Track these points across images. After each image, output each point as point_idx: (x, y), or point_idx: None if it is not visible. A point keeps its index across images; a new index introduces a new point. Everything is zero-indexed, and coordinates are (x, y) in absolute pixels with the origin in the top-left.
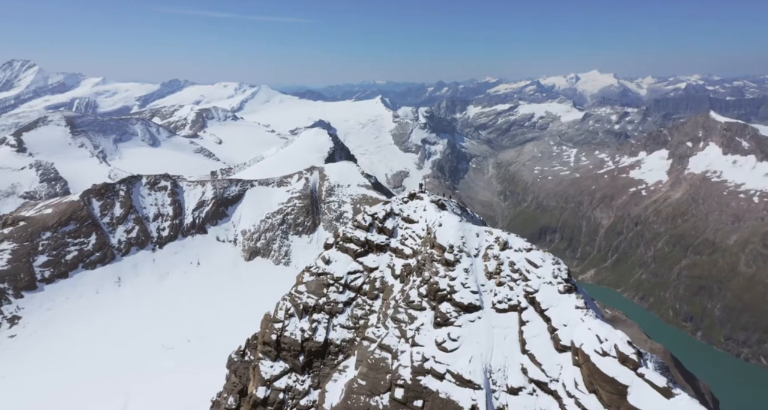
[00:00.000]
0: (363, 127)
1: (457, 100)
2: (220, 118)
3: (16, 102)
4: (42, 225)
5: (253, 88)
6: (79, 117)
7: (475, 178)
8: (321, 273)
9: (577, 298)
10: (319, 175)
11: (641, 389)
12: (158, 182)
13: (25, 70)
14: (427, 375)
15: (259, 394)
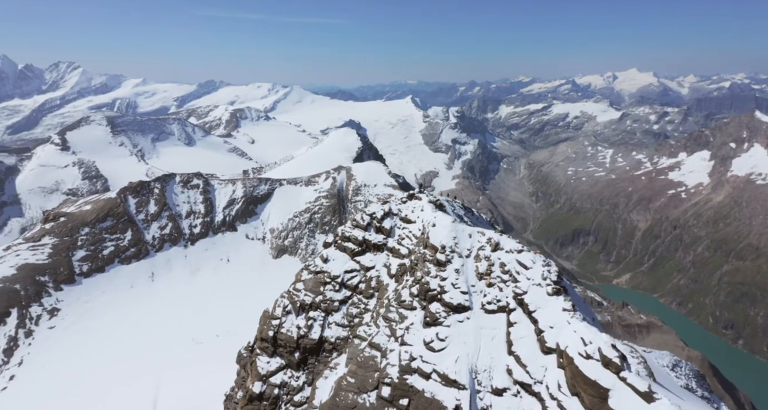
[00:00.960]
0: (393, 126)
1: (488, 100)
2: (253, 118)
3: (61, 102)
4: (81, 221)
5: (285, 88)
6: (119, 117)
7: (506, 178)
8: (319, 272)
9: (565, 300)
10: (346, 174)
11: (623, 393)
12: (191, 180)
13: (71, 72)
14: (414, 374)
15: (256, 389)
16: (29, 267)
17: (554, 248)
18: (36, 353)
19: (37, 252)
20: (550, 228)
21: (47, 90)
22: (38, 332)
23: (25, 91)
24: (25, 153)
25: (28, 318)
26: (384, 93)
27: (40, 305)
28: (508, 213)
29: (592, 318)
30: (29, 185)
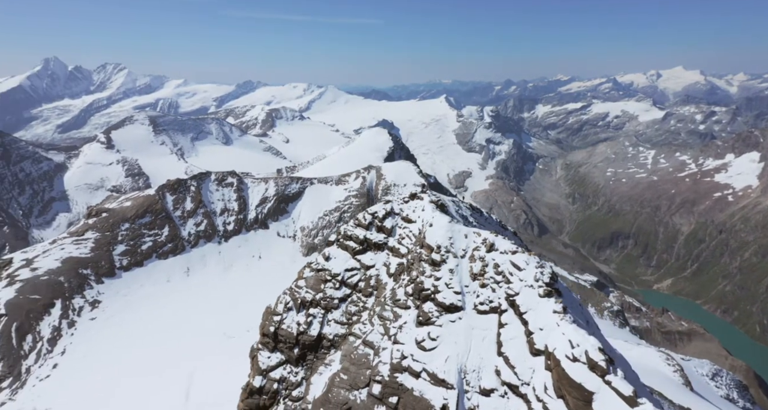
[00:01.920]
0: (426, 126)
1: (525, 99)
2: (288, 118)
3: (108, 102)
4: (122, 217)
5: (320, 88)
6: (160, 116)
7: (541, 179)
8: (320, 270)
9: (556, 302)
10: (376, 174)
11: (607, 396)
12: (225, 179)
13: (117, 73)
14: (404, 372)
15: (256, 383)
16: (73, 260)
17: (591, 251)
18: (78, 343)
19: (80, 246)
20: (587, 230)
21: (95, 90)
22: (80, 323)
23: (75, 91)
24: (73, 151)
25: (71, 309)
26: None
27: (83, 297)
28: (543, 215)
29: (587, 321)
30: (76, 182)
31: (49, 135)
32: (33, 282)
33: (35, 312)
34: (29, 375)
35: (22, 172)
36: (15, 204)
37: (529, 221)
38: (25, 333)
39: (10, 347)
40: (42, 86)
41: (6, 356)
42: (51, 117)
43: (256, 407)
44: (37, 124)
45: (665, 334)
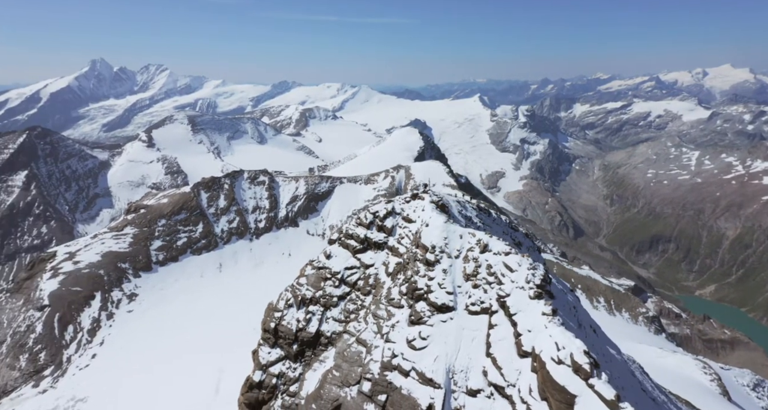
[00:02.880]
0: (459, 126)
1: (562, 98)
2: (321, 118)
3: (150, 102)
4: (159, 213)
5: (354, 88)
6: (199, 116)
7: (578, 180)
8: (321, 267)
9: (545, 305)
10: (405, 173)
11: (589, 400)
12: (257, 177)
13: (159, 74)
14: (394, 370)
15: (255, 378)
16: (112, 254)
17: (629, 255)
18: (116, 334)
19: (119, 241)
20: (626, 233)
21: (138, 91)
22: (118, 315)
23: (119, 91)
24: (117, 149)
25: (110, 301)
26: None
27: (121, 290)
28: (579, 217)
29: (579, 325)
30: (119, 179)
31: (95, 133)
32: (75, 274)
33: (76, 303)
34: (70, 364)
35: (68, 169)
36: (62, 199)
37: (564, 223)
38: (67, 323)
39: (53, 337)
40: (89, 86)
41: (48, 345)
42: (97, 116)
43: (255, 401)
44: (84, 123)
45: (706, 342)
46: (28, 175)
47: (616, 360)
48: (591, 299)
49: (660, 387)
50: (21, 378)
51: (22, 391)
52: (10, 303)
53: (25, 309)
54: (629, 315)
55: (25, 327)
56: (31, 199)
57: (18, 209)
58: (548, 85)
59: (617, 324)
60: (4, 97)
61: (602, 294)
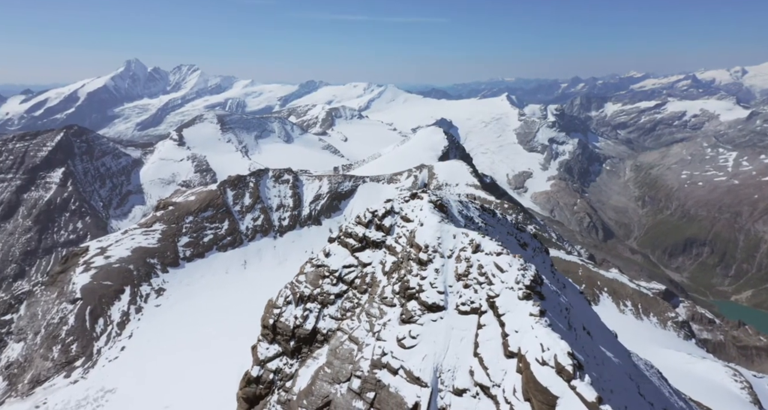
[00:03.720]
0: (486, 125)
1: (593, 97)
2: (347, 117)
3: (182, 102)
4: (186, 210)
5: (380, 87)
6: (227, 115)
7: (608, 180)
8: (320, 265)
9: (533, 305)
10: (428, 173)
11: (570, 401)
12: (282, 175)
13: (190, 74)
14: (383, 369)
15: (253, 373)
16: (142, 250)
17: (662, 258)
18: (144, 328)
19: (148, 237)
20: (658, 236)
21: (170, 90)
22: (146, 309)
23: (153, 91)
24: (149, 147)
25: (138, 295)
26: (479, 91)
27: (149, 285)
28: (609, 219)
29: (569, 326)
30: (151, 176)
31: (129, 132)
32: (106, 269)
33: (107, 297)
34: (100, 356)
35: (103, 167)
36: (96, 196)
37: (594, 224)
38: (98, 316)
39: (84, 329)
40: (124, 86)
41: (80, 337)
42: (131, 115)
43: (253, 395)
44: (119, 121)
45: (741, 349)
46: (65, 172)
47: (611, 364)
48: (617, 303)
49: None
50: (54, 368)
51: (55, 381)
52: (44, 296)
53: (58, 301)
54: (657, 320)
55: (59, 319)
56: (67, 195)
57: (55, 205)
58: (579, 83)
59: (644, 328)
60: (44, 97)
61: (629, 297)
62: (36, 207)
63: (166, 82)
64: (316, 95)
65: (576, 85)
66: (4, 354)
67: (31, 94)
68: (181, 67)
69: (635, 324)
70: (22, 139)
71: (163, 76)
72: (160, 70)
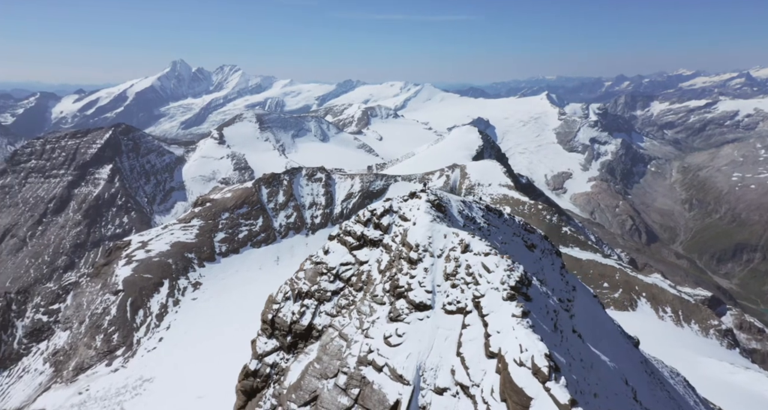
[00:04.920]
0: (524, 124)
1: (638, 96)
2: (382, 116)
3: (224, 101)
4: (223, 207)
5: (417, 86)
6: (266, 114)
7: (653, 182)
8: (318, 262)
9: (516, 306)
10: (460, 172)
11: (544, 403)
12: (315, 174)
13: (232, 74)
14: (368, 365)
15: (251, 366)
16: (180, 244)
17: (709, 264)
18: (181, 320)
19: (187, 232)
20: (706, 240)
21: (213, 90)
22: (183, 302)
23: (197, 91)
24: (191, 146)
25: (176, 289)
26: (518, 89)
27: (187, 278)
28: (653, 222)
29: (555, 328)
30: (192, 173)
31: (174, 131)
32: (146, 262)
33: (147, 289)
34: (139, 346)
35: (148, 164)
36: (141, 192)
37: (636, 227)
38: (138, 308)
39: (125, 320)
40: (170, 86)
41: (121, 327)
42: (176, 114)
43: (250, 388)
44: (165, 120)
45: None
46: (112, 168)
47: (604, 368)
48: (656, 309)
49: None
50: (96, 356)
51: (97, 369)
52: (89, 287)
53: (102, 292)
54: (699, 328)
55: (102, 309)
56: (114, 191)
57: (103, 200)
58: (624, 81)
59: (684, 336)
60: (96, 96)
61: (669, 303)
62: (85, 202)
63: (209, 82)
64: (352, 94)
65: (621, 83)
66: (51, 342)
67: (83, 94)
68: (223, 68)
69: (674, 331)
70: (73, 136)
71: (206, 76)
72: (204, 70)
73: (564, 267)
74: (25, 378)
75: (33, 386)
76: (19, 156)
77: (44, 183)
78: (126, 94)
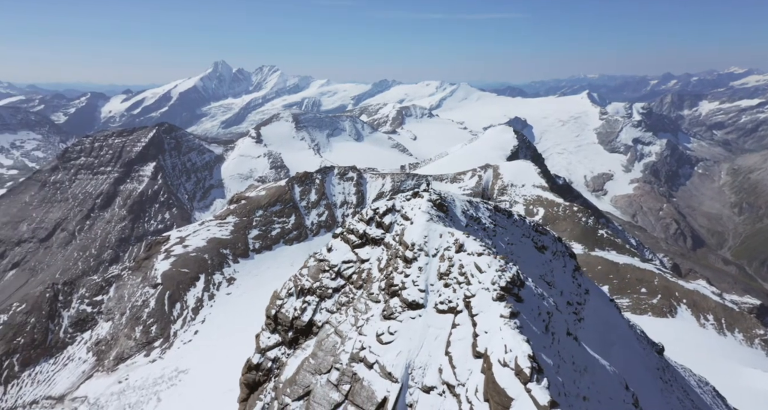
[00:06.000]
0: (563, 124)
1: (686, 95)
2: (417, 116)
3: (263, 101)
4: (257, 205)
5: (453, 85)
6: (302, 114)
7: (700, 185)
8: (321, 260)
9: (505, 307)
10: (492, 173)
11: (524, 404)
12: (346, 173)
13: (271, 74)
14: (360, 362)
15: (254, 360)
16: (216, 240)
17: (759, 270)
18: (215, 314)
19: (222, 229)
20: (757, 246)
21: (252, 90)
22: (218, 296)
23: (237, 91)
24: (230, 144)
25: (211, 283)
26: (558, 88)
27: (222, 274)
28: (699, 226)
29: (546, 330)
30: (231, 172)
31: (214, 130)
32: (184, 257)
33: (184, 283)
34: (176, 338)
35: (189, 162)
36: (182, 189)
37: (681, 232)
38: (175, 301)
39: (163, 312)
40: (211, 87)
41: (159, 320)
42: (217, 114)
43: (253, 381)
44: (206, 120)
45: None
46: (156, 166)
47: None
48: (697, 316)
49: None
50: (135, 347)
51: (136, 359)
52: (131, 280)
53: (142, 285)
54: (743, 337)
55: (141, 302)
56: (157, 187)
57: (147, 196)
58: (670, 80)
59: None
60: (142, 96)
61: (711, 311)
62: (130, 198)
63: (248, 83)
64: (388, 94)
65: (667, 81)
66: (94, 332)
67: (130, 94)
68: (262, 68)
69: (716, 340)
70: (120, 135)
71: (246, 76)
72: (244, 70)
73: (578, 270)
74: (70, 366)
75: (77, 373)
76: (69, 153)
77: (92, 179)
78: (170, 94)
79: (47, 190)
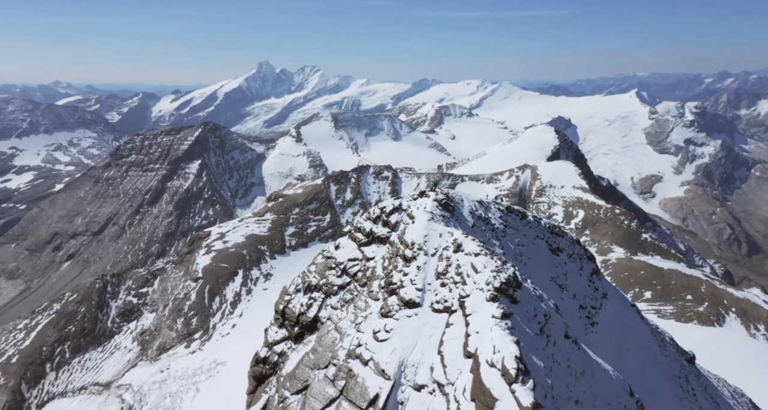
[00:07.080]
0: (609, 124)
1: (744, 94)
2: (456, 115)
3: (304, 101)
4: (293, 202)
5: (494, 84)
6: (341, 114)
7: (757, 188)
8: (329, 257)
9: (497, 308)
10: (531, 173)
11: (508, 405)
12: (382, 172)
13: (312, 74)
14: (356, 359)
15: (262, 354)
16: (254, 237)
17: None
18: (252, 308)
19: (260, 226)
20: None
21: (294, 90)
22: (255, 291)
23: (279, 91)
24: (271, 143)
25: (249, 278)
26: (606, 87)
27: (259, 269)
28: (755, 231)
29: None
30: (271, 170)
31: (257, 129)
32: (224, 252)
33: (223, 278)
34: (215, 331)
35: (232, 160)
36: (225, 186)
37: (736, 237)
38: (215, 295)
39: (203, 305)
40: (255, 87)
41: (199, 313)
42: (260, 114)
43: (260, 374)
44: (250, 119)
45: None
46: (201, 163)
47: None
48: (747, 325)
49: None
50: (176, 338)
51: (177, 350)
52: (174, 273)
53: (184, 279)
54: None
55: (183, 294)
56: (202, 184)
57: (192, 193)
58: (727, 78)
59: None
60: (189, 97)
61: (763, 321)
62: (177, 194)
63: (291, 83)
64: (427, 93)
65: (723, 79)
66: (139, 322)
67: (179, 94)
68: (304, 68)
69: (767, 351)
70: (168, 133)
71: (288, 76)
72: (287, 71)
73: (596, 274)
74: (116, 355)
75: (122, 362)
76: (121, 151)
77: (142, 176)
78: (216, 94)
79: (100, 186)
